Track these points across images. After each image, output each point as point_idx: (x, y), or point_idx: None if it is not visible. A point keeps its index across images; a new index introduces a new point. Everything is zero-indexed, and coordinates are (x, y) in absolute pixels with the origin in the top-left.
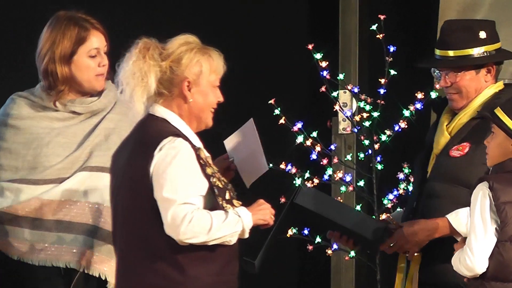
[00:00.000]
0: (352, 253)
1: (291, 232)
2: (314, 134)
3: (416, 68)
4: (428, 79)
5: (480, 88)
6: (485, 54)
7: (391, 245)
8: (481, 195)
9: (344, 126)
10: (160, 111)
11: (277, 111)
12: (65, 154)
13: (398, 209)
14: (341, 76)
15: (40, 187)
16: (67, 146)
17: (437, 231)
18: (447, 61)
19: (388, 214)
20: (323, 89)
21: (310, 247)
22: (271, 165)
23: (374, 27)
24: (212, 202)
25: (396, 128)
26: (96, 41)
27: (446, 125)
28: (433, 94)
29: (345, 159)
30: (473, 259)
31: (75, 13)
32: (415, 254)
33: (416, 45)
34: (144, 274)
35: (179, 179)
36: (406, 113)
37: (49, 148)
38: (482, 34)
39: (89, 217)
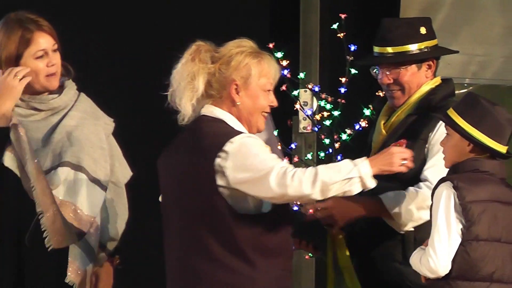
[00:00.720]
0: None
1: None
2: (275, 133)
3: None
4: None
5: (421, 84)
6: (426, 49)
7: (319, 208)
8: (445, 195)
9: (304, 125)
10: (216, 112)
11: None
12: None
13: None
14: (301, 75)
15: None
16: (29, 143)
17: (368, 208)
18: (386, 58)
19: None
20: (283, 88)
21: None
22: None
23: (335, 26)
24: None
25: (357, 127)
26: (43, 42)
27: (384, 123)
28: None
29: (306, 158)
30: (436, 260)
31: (24, 14)
32: (339, 236)
33: None
34: (213, 272)
35: (263, 154)
36: (367, 112)
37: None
38: (423, 30)
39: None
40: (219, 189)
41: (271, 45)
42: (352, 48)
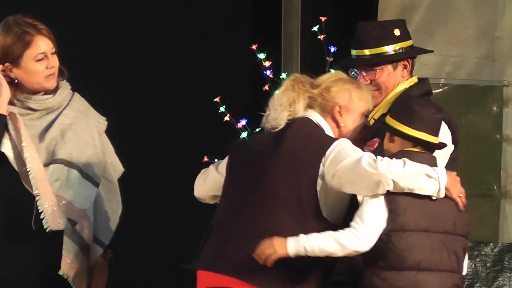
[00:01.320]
0: None
1: None
2: (258, 130)
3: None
4: None
5: (398, 84)
6: (401, 50)
7: None
8: None
9: None
10: (318, 118)
11: (222, 109)
12: None
13: None
14: (283, 75)
15: None
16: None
17: None
18: (363, 60)
19: None
20: (266, 87)
21: None
22: (216, 160)
23: (315, 28)
24: None
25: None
26: (42, 45)
27: None
28: None
29: None
30: (364, 229)
31: (23, 18)
32: None
33: None
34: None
35: (356, 149)
36: None
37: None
38: (397, 32)
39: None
40: (317, 186)
41: (254, 47)
42: (332, 49)
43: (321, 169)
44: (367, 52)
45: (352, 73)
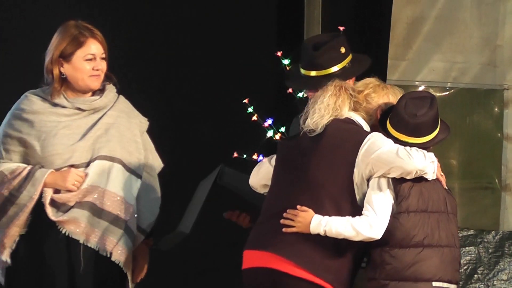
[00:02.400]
0: None
1: None
2: (282, 129)
3: (369, 71)
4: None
5: None
6: (344, 67)
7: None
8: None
9: None
10: (356, 118)
11: (250, 109)
12: (70, 143)
13: None
14: None
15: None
16: (71, 137)
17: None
18: (310, 82)
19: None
20: (290, 90)
21: None
22: (245, 155)
23: None
24: None
25: None
26: (94, 47)
27: None
28: None
29: None
30: (375, 218)
31: (82, 22)
32: None
33: (371, 52)
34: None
35: (389, 141)
36: None
37: (56, 138)
38: (342, 50)
39: (115, 207)
40: (354, 176)
41: (279, 54)
42: None
43: (357, 159)
44: (313, 73)
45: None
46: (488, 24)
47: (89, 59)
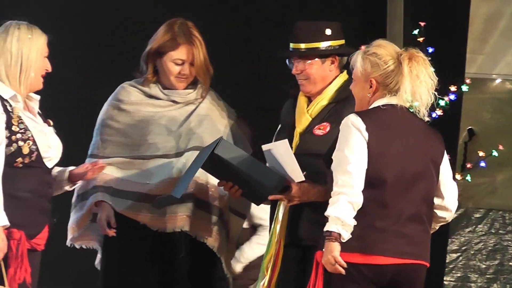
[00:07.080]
0: None
1: None
2: None
3: (448, 65)
4: (459, 75)
5: (326, 76)
6: (330, 47)
7: (285, 196)
8: None
9: None
10: None
11: None
12: (165, 133)
13: None
14: None
15: (147, 162)
16: (167, 128)
17: (317, 196)
18: (298, 52)
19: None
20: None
21: None
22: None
23: (416, 31)
24: None
25: (434, 115)
26: (185, 53)
27: (307, 108)
28: (464, 88)
29: None
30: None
31: (188, 25)
32: (287, 207)
33: (449, 47)
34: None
35: None
36: (442, 102)
37: (152, 128)
38: (328, 31)
39: (201, 192)
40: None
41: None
42: (430, 50)
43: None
44: (302, 46)
45: (289, 64)
46: None
47: (178, 64)
